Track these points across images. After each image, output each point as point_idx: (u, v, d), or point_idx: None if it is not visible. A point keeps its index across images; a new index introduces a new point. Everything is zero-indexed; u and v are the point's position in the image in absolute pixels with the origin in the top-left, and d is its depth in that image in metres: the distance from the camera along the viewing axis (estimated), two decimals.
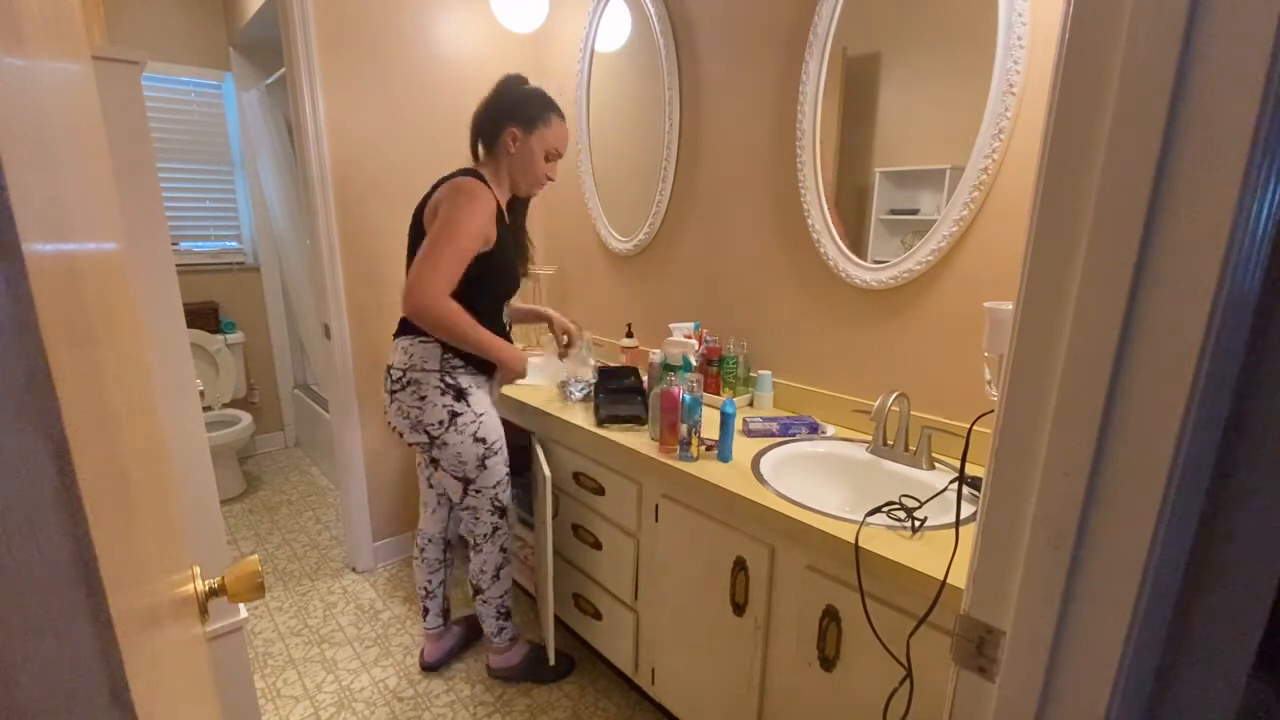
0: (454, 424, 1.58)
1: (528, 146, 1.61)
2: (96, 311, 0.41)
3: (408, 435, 1.61)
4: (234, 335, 3.32)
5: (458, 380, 1.59)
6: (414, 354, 1.57)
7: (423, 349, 1.57)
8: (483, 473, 1.65)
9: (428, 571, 1.89)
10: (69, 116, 0.43)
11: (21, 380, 0.25)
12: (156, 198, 1.10)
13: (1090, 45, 0.44)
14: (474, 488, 1.66)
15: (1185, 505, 0.46)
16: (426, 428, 1.58)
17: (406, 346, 1.58)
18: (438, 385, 1.57)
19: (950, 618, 0.97)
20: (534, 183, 1.66)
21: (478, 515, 1.70)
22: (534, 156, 1.62)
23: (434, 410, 1.57)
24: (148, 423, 0.61)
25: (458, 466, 1.62)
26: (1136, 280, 0.44)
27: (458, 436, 1.59)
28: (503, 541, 1.75)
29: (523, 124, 1.59)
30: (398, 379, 1.58)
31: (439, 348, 1.57)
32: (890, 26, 1.43)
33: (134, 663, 0.32)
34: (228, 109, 3.25)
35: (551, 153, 1.64)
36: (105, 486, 0.34)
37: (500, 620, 1.81)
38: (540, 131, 1.61)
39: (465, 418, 1.59)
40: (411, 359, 1.57)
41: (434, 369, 1.57)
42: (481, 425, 1.62)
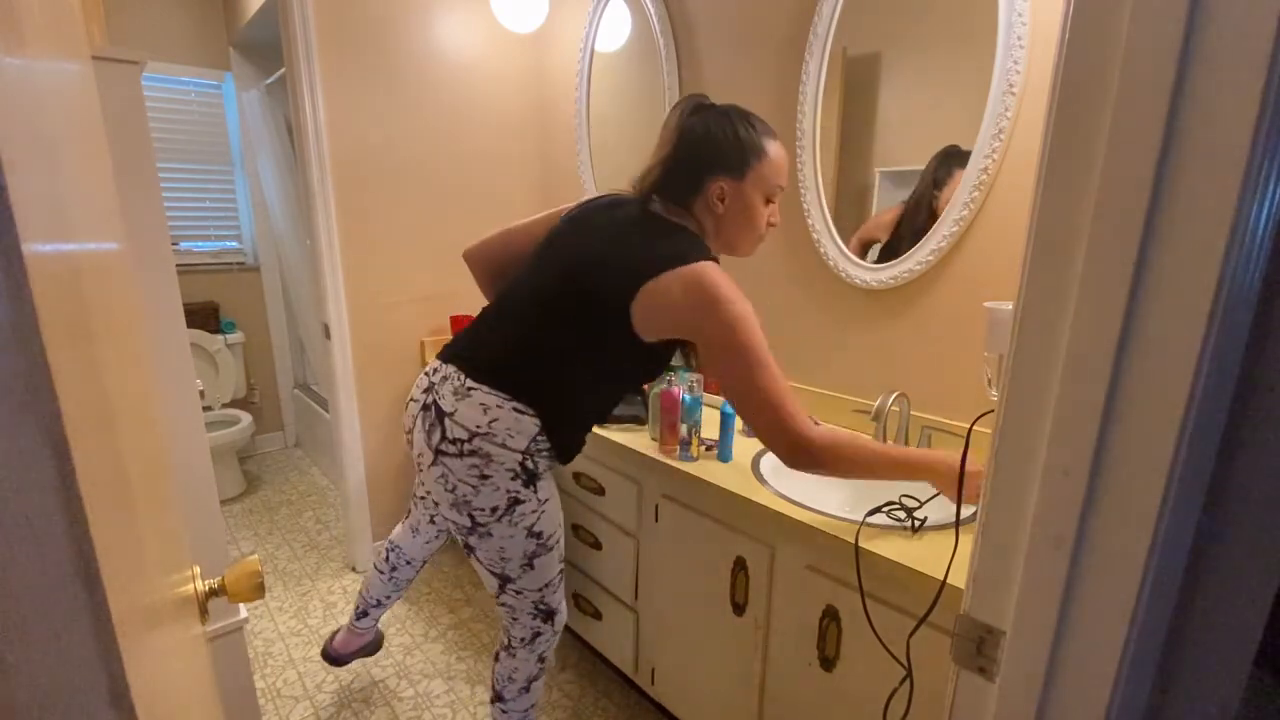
0: (510, 513, 1.20)
1: (742, 198, 1.18)
2: (96, 311, 0.41)
3: (444, 511, 1.23)
4: (234, 335, 3.32)
5: (536, 464, 1.21)
6: (497, 420, 1.15)
7: (514, 419, 1.16)
8: (528, 573, 1.28)
9: (391, 589, 1.66)
10: (69, 116, 0.43)
11: (21, 380, 0.25)
12: (156, 198, 1.10)
13: (1090, 45, 0.44)
14: (514, 587, 1.30)
15: (1185, 505, 0.46)
16: (473, 512, 1.20)
17: (491, 405, 1.16)
18: (512, 469, 1.18)
19: (950, 618, 0.97)
20: (755, 241, 1.25)
21: (516, 616, 1.35)
22: (753, 209, 1.19)
23: (493, 495, 1.18)
24: (148, 422, 0.61)
25: (496, 563, 1.26)
26: (1136, 280, 0.44)
27: (509, 530, 1.22)
28: (543, 650, 1.39)
29: (731, 171, 1.17)
30: (457, 439, 1.16)
31: (537, 423, 1.17)
32: (890, 26, 1.43)
33: (134, 663, 0.32)
34: (228, 109, 3.25)
35: (772, 193, 1.21)
36: (105, 486, 0.34)
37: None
38: (756, 171, 1.17)
39: (526, 506, 1.21)
40: (493, 425, 1.15)
41: (518, 448, 1.17)
42: (542, 517, 1.25)
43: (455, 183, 2.41)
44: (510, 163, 2.55)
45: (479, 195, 2.49)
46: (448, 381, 1.20)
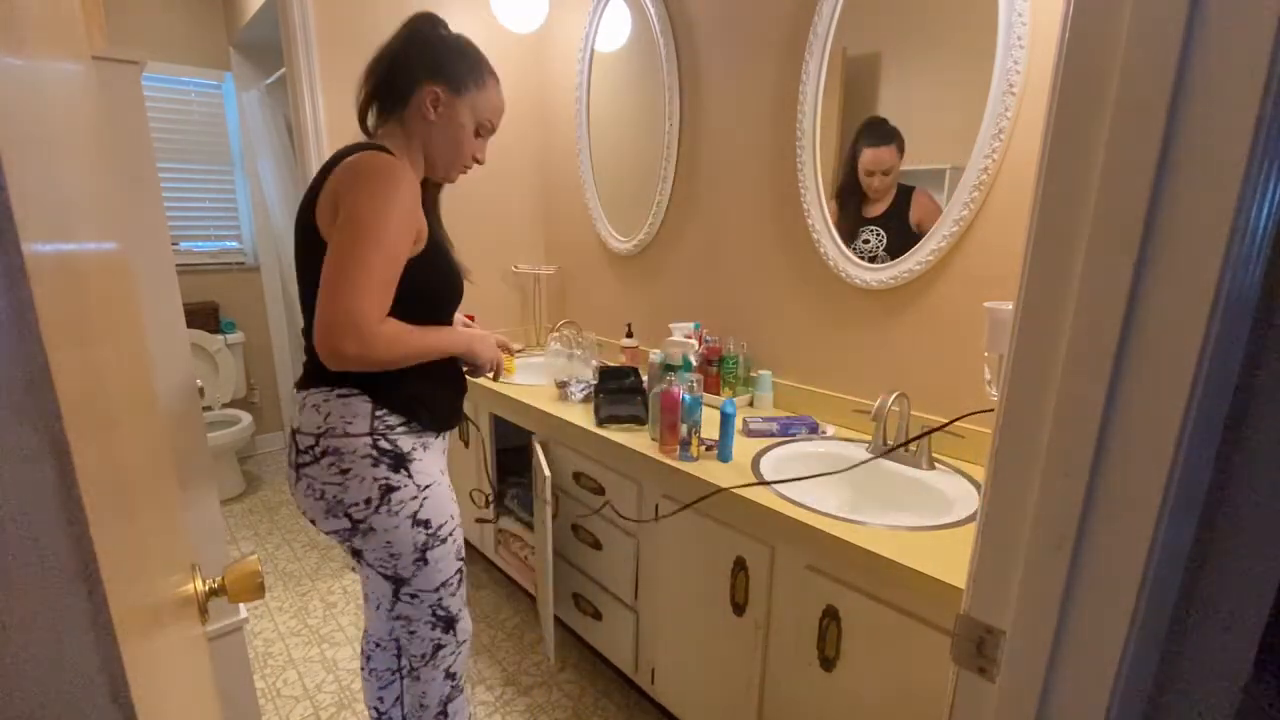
0: (386, 502, 1.11)
1: (454, 114, 1.16)
2: (96, 311, 0.41)
3: (321, 522, 1.14)
4: (234, 335, 3.32)
5: (395, 443, 1.12)
6: (332, 411, 1.09)
7: (343, 405, 1.09)
8: (421, 570, 1.17)
9: (377, 687, 1.37)
10: (69, 117, 0.43)
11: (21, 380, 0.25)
12: (156, 198, 1.10)
13: (1090, 45, 0.44)
14: (407, 590, 1.18)
15: (1185, 505, 0.46)
16: (348, 510, 1.10)
17: (320, 402, 1.10)
18: (367, 453, 1.10)
19: (950, 617, 0.97)
20: (456, 163, 1.21)
21: (412, 628, 1.21)
22: (463, 130, 1.17)
23: (360, 486, 1.09)
24: (148, 423, 0.61)
25: (386, 561, 1.15)
26: (1136, 280, 0.44)
27: (390, 520, 1.12)
28: (448, 664, 1.25)
29: (449, 82, 1.15)
30: (308, 447, 1.10)
31: (368, 401, 1.10)
32: (890, 26, 1.43)
33: (134, 663, 0.32)
34: (228, 109, 3.25)
35: (483, 126, 1.21)
36: (105, 486, 0.34)
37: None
38: (472, 96, 1.17)
39: (403, 493, 1.12)
40: (328, 419, 1.09)
41: (362, 431, 1.09)
42: (425, 503, 1.14)
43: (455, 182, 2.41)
44: (510, 163, 2.55)
45: (478, 195, 2.49)
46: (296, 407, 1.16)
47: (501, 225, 2.59)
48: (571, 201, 2.49)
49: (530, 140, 2.58)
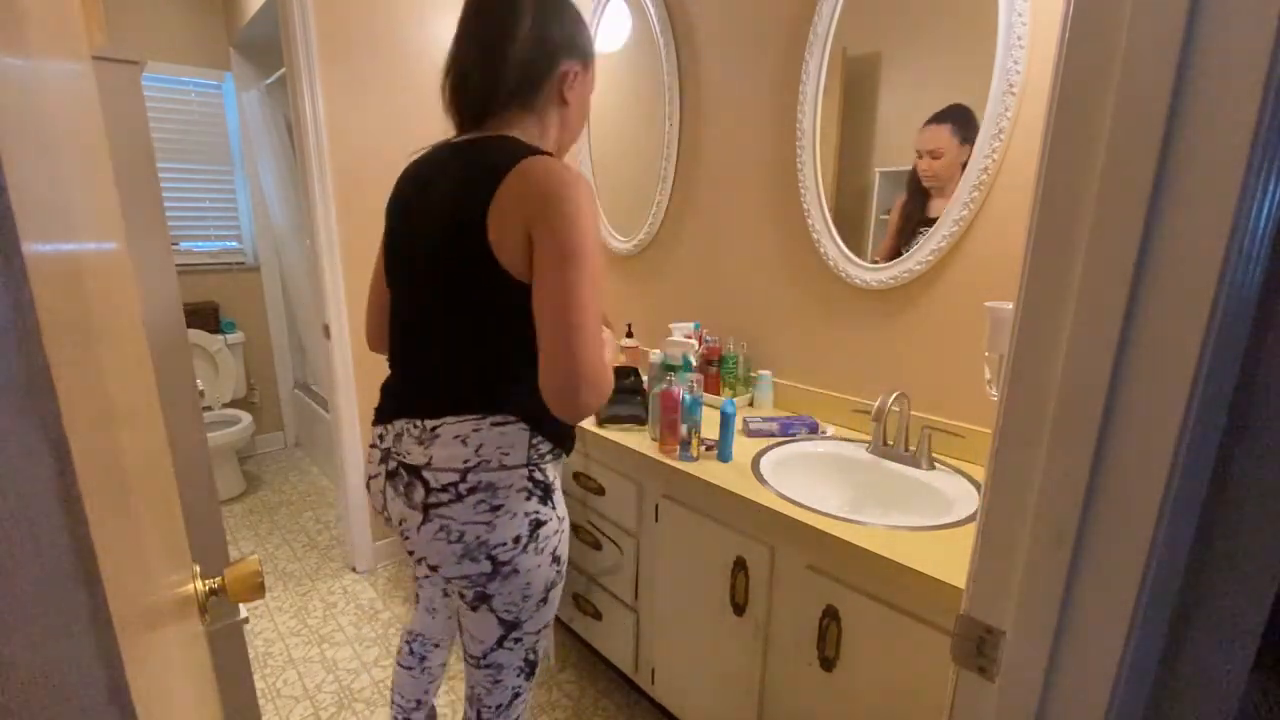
0: (535, 539, 1.01)
1: (585, 89, 1.05)
2: (96, 311, 0.41)
3: (449, 567, 1.00)
4: (234, 335, 3.32)
5: (546, 475, 1.04)
6: (484, 444, 0.97)
7: (500, 436, 0.98)
8: (540, 611, 1.08)
9: (427, 682, 1.35)
10: (69, 116, 0.43)
11: (21, 380, 0.25)
12: (156, 198, 1.10)
13: (1090, 45, 0.44)
14: (517, 634, 1.08)
15: (1185, 505, 0.46)
16: (492, 552, 0.99)
17: (466, 434, 0.97)
18: (523, 487, 1.00)
19: (950, 618, 0.97)
20: (575, 140, 1.11)
21: (500, 676, 1.10)
22: (587, 104, 1.08)
23: (511, 524, 0.99)
24: (148, 422, 0.61)
25: (515, 606, 1.04)
26: (1136, 280, 0.44)
27: (536, 559, 1.02)
28: (519, 711, 1.16)
29: (582, 56, 1.02)
30: (450, 484, 0.97)
31: (527, 431, 0.99)
32: (890, 26, 1.43)
33: (134, 663, 0.32)
34: (228, 109, 3.25)
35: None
36: (105, 486, 0.34)
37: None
38: (592, 68, 1.06)
39: (549, 526, 1.03)
40: (480, 450, 0.97)
41: (518, 463, 0.99)
42: (563, 538, 1.07)
43: None
44: None
45: None
46: (404, 437, 1.01)
47: None
48: None
49: None
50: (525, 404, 0.98)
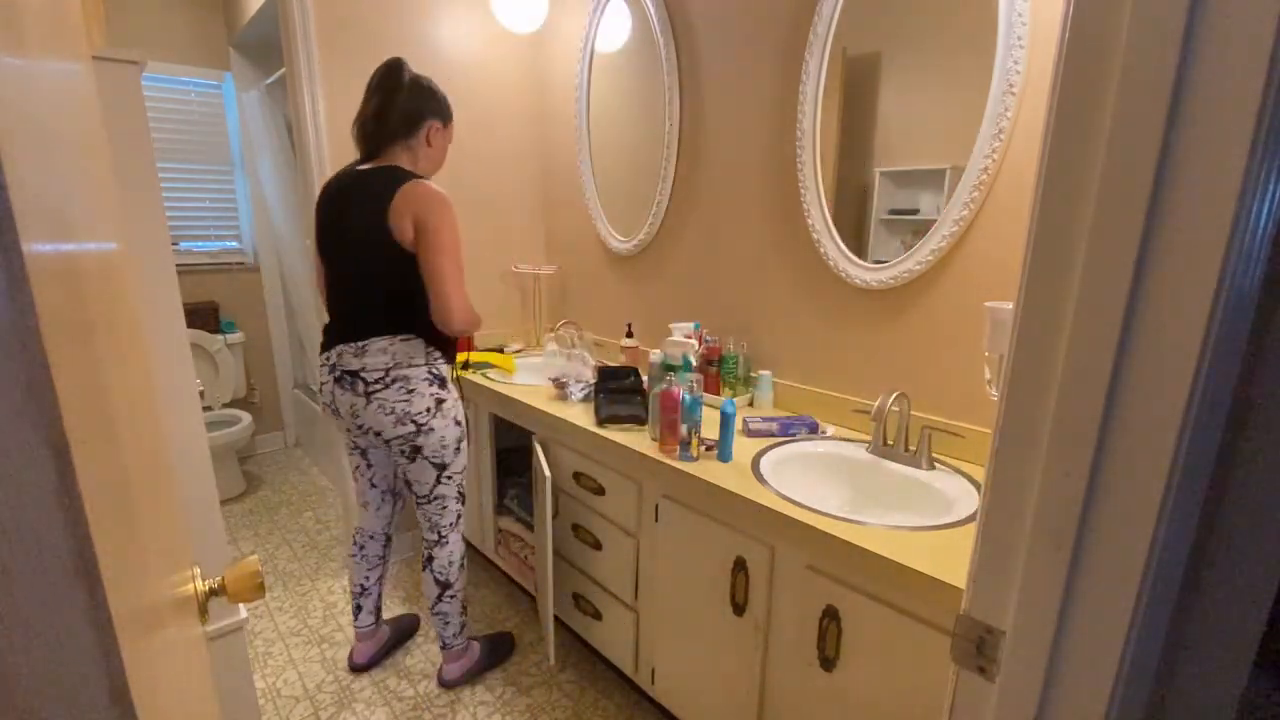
0: (440, 410, 1.64)
1: (444, 142, 1.67)
2: (96, 311, 0.41)
3: (389, 430, 1.62)
4: (234, 335, 3.32)
5: (440, 370, 1.66)
6: (397, 352, 1.59)
7: (406, 346, 1.60)
8: (457, 456, 1.71)
9: (367, 568, 1.89)
10: (69, 116, 0.43)
11: (21, 380, 0.25)
12: (156, 198, 1.10)
13: (1090, 45, 0.44)
14: (448, 473, 1.71)
15: (1185, 505, 0.46)
16: (414, 417, 1.61)
17: (385, 346, 1.59)
18: (425, 377, 1.62)
19: (950, 618, 0.97)
20: (436, 170, 1.71)
21: (445, 504, 1.74)
22: (444, 150, 1.69)
23: (421, 399, 1.61)
24: (148, 422, 0.61)
25: (439, 452, 1.67)
26: (1136, 280, 0.44)
27: (443, 421, 1.65)
28: (462, 529, 1.80)
29: (442, 118, 1.64)
30: (377, 379, 1.58)
31: (423, 342, 1.61)
32: (890, 26, 1.43)
33: (134, 663, 0.32)
34: (228, 109, 3.25)
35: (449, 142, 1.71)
36: (105, 486, 0.34)
37: (463, 616, 1.82)
38: (450, 126, 1.67)
39: (449, 402, 1.66)
40: (394, 357, 1.59)
41: (420, 362, 1.61)
42: (458, 405, 1.70)
43: (455, 182, 2.41)
44: (510, 162, 2.55)
45: (479, 195, 2.49)
46: (344, 355, 1.60)
47: (501, 225, 2.59)
48: (571, 201, 2.49)
49: (530, 140, 2.58)
50: (420, 327, 1.61)
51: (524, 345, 2.64)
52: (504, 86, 2.47)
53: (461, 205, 2.42)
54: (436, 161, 1.68)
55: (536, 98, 2.55)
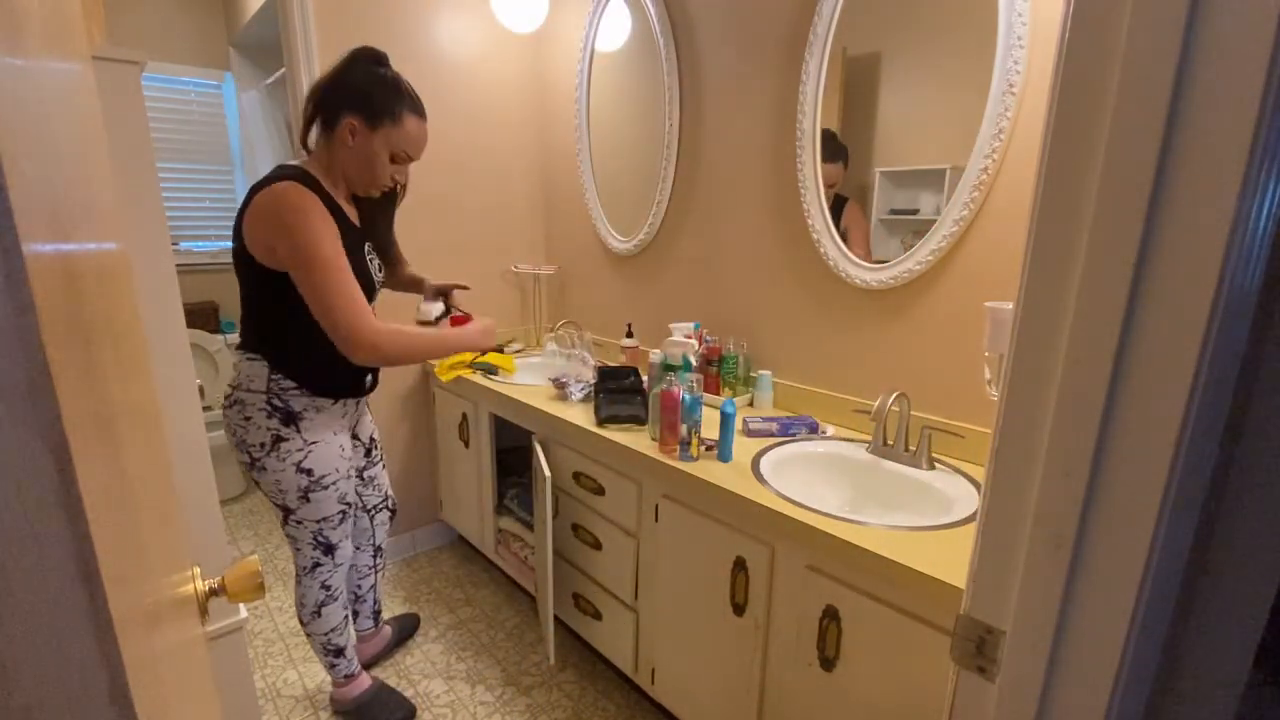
0: (276, 449, 1.42)
1: (369, 144, 1.37)
2: (96, 311, 0.41)
3: (236, 453, 1.52)
4: (234, 335, 3.32)
5: (287, 402, 1.42)
6: (242, 371, 1.42)
7: (249, 366, 1.40)
8: (304, 505, 1.49)
9: (356, 577, 1.85)
10: (69, 116, 0.43)
11: (21, 380, 0.25)
12: (156, 198, 1.10)
13: (1090, 45, 0.44)
14: (293, 518, 1.51)
15: (1185, 505, 0.46)
16: (249, 448, 1.43)
17: (236, 362, 1.44)
18: (262, 407, 1.40)
19: (950, 618, 0.97)
20: (371, 184, 1.43)
21: (299, 546, 1.55)
22: (375, 157, 1.39)
23: (258, 433, 1.41)
24: (148, 422, 0.61)
25: (276, 494, 1.47)
26: (1136, 280, 0.44)
27: (279, 464, 1.43)
28: (324, 578, 1.58)
29: (366, 115, 1.35)
30: (227, 395, 1.45)
31: (265, 365, 1.39)
32: (890, 26, 1.43)
33: (134, 663, 0.32)
34: (228, 109, 3.25)
35: (400, 155, 1.42)
36: (105, 486, 0.34)
37: (329, 657, 1.67)
38: (387, 130, 1.37)
39: (290, 445, 1.42)
40: (239, 376, 1.42)
41: (259, 389, 1.40)
42: (310, 455, 1.44)
43: (455, 182, 2.42)
44: (510, 163, 2.55)
45: (479, 195, 2.49)
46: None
47: (501, 225, 2.59)
48: (571, 201, 2.49)
49: (530, 140, 2.58)
50: (271, 351, 1.40)
51: (524, 345, 2.65)
52: (504, 86, 2.47)
53: (461, 205, 2.44)
54: (361, 168, 1.39)
55: (536, 98, 2.55)
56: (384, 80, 1.37)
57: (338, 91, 1.36)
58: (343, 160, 1.40)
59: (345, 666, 1.69)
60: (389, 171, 1.42)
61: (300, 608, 1.62)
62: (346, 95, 1.35)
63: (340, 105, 1.35)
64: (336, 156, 1.40)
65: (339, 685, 1.72)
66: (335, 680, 1.72)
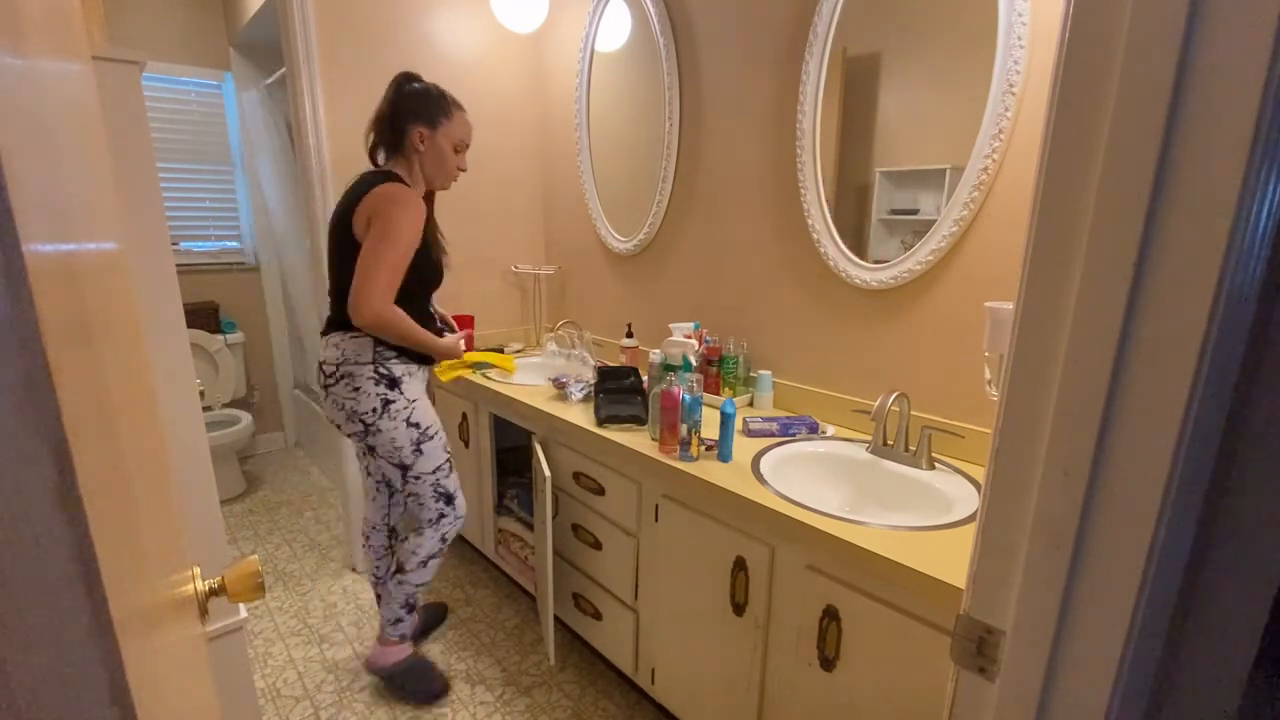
0: (387, 411, 1.64)
1: (436, 143, 1.66)
2: (96, 311, 0.41)
3: (344, 426, 1.67)
4: (234, 335, 3.32)
5: (390, 369, 1.65)
6: (346, 348, 1.62)
7: (354, 343, 1.62)
8: (419, 458, 1.69)
9: (374, 558, 1.92)
10: (69, 116, 0.43)
11: (21, 380, 0.25)
12: (156, 198, 1.10)
13: (1090, 45, 0.44)
14: (412, 474, 1.70)
15: (1185, 505, 0.46)
16: (361, 416, 1.63)
17: (338, 342, 1.62)
18: (371, 376, 1.62)
19: (950, 617, 0.97)
20: (448, 176, 1.71)
21: (422, 501, 1.73)
22: (443, 152, 1.67)
23: (367, 399, 1.62)
24: (148, 423, 0.61)
25: (393, 453, 1.67)
26: (1136, 280, 0.44)
27: (391, 423, 1.65)
28: (445, 531, 1.77)
29: (427, 122, 1.64)
30: (330, 373, 1.63)
31: (370, 340, 1.62)
32: (890, 26, 1.43)
33: (134, 663, 0.32)
34: (228, 109, 3.24)
35: (459, 145, 1.70)
36: (105, 486, 0.34)
37: (403, 610, 1.80)
38: (445, 127, 1.66)
39: (398, 405, 1.65)
40: (344, 353, 1.62)
41: (367, 360, 1.62)
42: (414, 411, 1.68)
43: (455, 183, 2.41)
44: (510, 163, 2.55)
45: (479, 195, 2.49)
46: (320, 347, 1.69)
47: (501, 225, 2.59)
48: (571, 201, 2.49)
49: (530, 140, 2.58)
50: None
51: (524, 345, 2.64)
52: (504, 86, 2.47)
53: (461, 205, 2.43)
54: (437, 165, 1.67)
55: (536, 98, 2.55)
56: (428, 90, 1.66)
57: (399, 111, 1.63)
58: (420, 164, 1.67)
59: (406, 626, 1.83)
60: (455, 162, 1.70)
61: (410, 556, 1.76)
62: (407, 111, 1.63)
63: (405, 120, 1.63)
64: (414, 163, 1.66)
65: (386, 644, 1.83)
66: (386, 639, 1.82)
